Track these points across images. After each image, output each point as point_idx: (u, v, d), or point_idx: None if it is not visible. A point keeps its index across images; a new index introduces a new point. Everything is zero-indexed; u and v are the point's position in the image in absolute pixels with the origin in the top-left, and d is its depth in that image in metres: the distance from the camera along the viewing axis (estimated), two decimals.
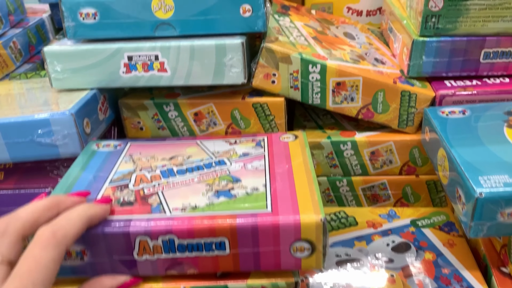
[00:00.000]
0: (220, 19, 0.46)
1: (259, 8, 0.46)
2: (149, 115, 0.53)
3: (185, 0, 0.46)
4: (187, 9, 0.46)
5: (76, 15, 0.47)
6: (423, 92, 0.49)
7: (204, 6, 0.46)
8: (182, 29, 0.47)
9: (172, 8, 0.46)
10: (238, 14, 0.46)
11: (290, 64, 0.48)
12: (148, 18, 0.47)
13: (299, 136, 0.45)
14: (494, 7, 0.45)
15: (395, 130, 0.51)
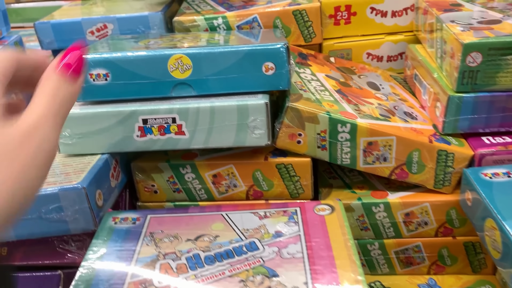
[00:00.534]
0: (241, 78, 0.43)
1: (283, 66, 0.43)
2: (164, 178, 0.49)
3: (204, 59, 0.43)
4: (206, 69, 0.43)
5: (86, 76, 0.44)
6: (461, 151, 0.45)
7: (224, 65, 0.43)
8: (201, 89, 0.44)
9: (190, 67, 0.43)
10: (260, 73, 0.43)
11: (317, 124, 0.45)
12: (164, 78, 0.44)
13: (336, 207, 0.41)
14: None
15: (430, 190, 0.48)
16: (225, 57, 0.42)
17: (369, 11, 0.60)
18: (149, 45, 0.47)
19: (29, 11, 0.93)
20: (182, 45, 0.45)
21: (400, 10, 0.59)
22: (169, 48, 0.44)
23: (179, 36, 0.53)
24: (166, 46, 0.46)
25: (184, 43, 0.47)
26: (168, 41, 0.49)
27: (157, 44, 0.48)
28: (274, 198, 0.49)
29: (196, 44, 0.46)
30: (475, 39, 0.42)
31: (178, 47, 0.45)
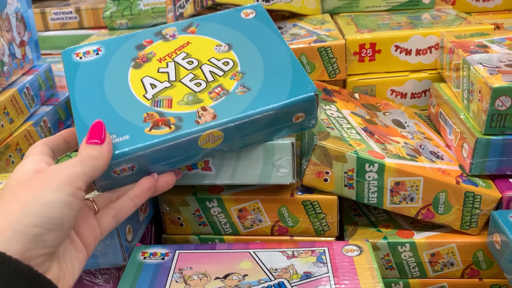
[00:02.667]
0: (273, 131, 0.43)
1: (313, 113, 0.43)
2: (190, 211, 0.49)
3: (234, 128, 0.40)
4: (237, 134, 0.41)
5: (109, 173, 0.38)
6: (488, 193, 0.45)
7: (255, 126, 0.41)
8: (232, 149, 0.43)
9: (221, 137, 0.40)
10: (291, 122, 0.43)
11: (345, 163, 0.45)
12: (195, 151, 0.41)
13: (364, 248, 0.41)
14: None
15: (456, 230, 0.47)
16: (256, 122, 0.40)
17: (394, 49, 0.61)
18: (157, 102, 0.41)
19: (57, 39, 0.96)
20: (208, 101, 0.41)
21: (424, 48, 0.60)
22: (197, 125, 0.39)
23: (167, 47, 0.47)
24: (181, 102, 0.41)
25: (201, 88, 0.42)
26: (170, 79, 0.43)
27: (164, 97, 0.42)
28: (299, 235, 0.49)
29: (214, 93, 0.42)
30: (504, 83, 0.43)
31: (201, 111, 0.40)
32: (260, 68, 0.44)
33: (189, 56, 0.45)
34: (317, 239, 0.48)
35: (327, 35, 0.62)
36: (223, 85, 0.43)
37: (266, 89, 0.42)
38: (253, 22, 0.48)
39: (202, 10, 0.66)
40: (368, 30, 0.63)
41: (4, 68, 0.63)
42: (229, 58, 0.45)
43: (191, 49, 0.45)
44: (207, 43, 0.46)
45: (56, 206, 0.29)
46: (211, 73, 0.44)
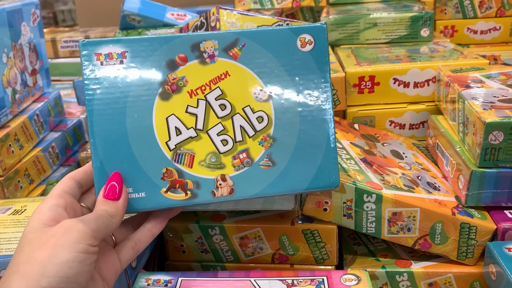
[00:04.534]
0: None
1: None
2: (193, 238, 0.51)
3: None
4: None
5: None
6: (483, 224, 0.46)
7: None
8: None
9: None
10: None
11: (343, 193, 0.47)
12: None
13: (362, 278, 0.42)
14: None
15: (453, 261, 0.48)
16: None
17: (392, 82, 0.63)
18: (178, 156, 0.39)
19: (66, 66, 0.99)
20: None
21: (422, 81, 0.62)
22: (213, 197, 0.38)
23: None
24: (207, 165, 0.38)
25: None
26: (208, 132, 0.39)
27: (186, 153, 0.39)
28: (299, 263, 0.50)
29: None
30: (497, 118, 0.44)
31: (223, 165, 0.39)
32: (293, 137, 0.39)
33: (224, 96, 0.39)
34: (316, 267, 0.49)
35: None
36: (249, 150, 0.39)
37: (291, 168, 0.39)
38: (308, 61, 0.40)
39: None
40: (368, 63, 0.65)
41: (16, 96, 0.65)
42: (265, 112, 0.39)
43: (228, 85, 0.39)
44: (248, 80, 0.39)
45: (70, 266, 0.31)
46: (242, 129, 0.39)
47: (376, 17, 0.76)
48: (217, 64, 0.39)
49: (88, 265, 0.32)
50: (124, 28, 0.88)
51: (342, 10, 0.84)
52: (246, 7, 0.90)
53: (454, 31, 0.89)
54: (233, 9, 0.69)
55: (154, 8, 0.88)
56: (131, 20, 0.87)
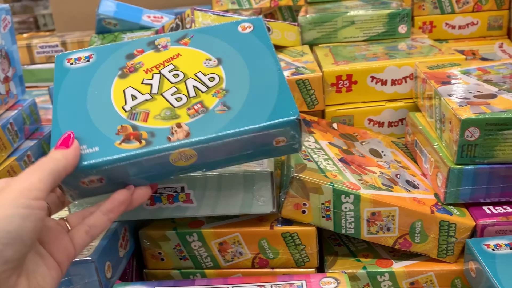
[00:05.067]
0: (251, 153, 0.43)
1: (295, 137, 0.42)
2: (171, 246, 0.50)
3: (208, 148, 0.39)
4: (212, 155, 0.40)
5: (77, 183, 0.38)
6: (462, 221, 0.46)
7: (232, 147, 0.40)
8: (207, 169, 0.41)
9: (194, 156, 0.39)
10: (271, 146, 0.41)
11: (321, 194, 0.46)
12: (167, 168, 0.40)
13: (341, 280, 0.42)
14: None
15: (434, 259, 0.48)
16: (232, 143, 0.39)
17: (370, 80, 0.62)
18: (133, 115, 0.41)
19: (42, 72, 0.97)
20: (184, 117, 0.40)
21: (399, 78, 0.62)
22: (168, 142, 0.38)
23: (155, 58, 0.46)
24: (158, 118, 0.40)
25: (175, 102, 0.42)
26: (152, 92, 0.42)
27: (141, 111, 0.41)
28: (279, 266, 0.49)
29: (189, 108, 0.41)
30: (472, 115, 0.44)
31: (175, 128, 0.39)
32: (245, 87, 0.42)
33: (176, 68, 0.44)
34: (297, 270, 0.49)
35: (305, 67, 0.64)
36: (203, 102, 0.41)
37: (247, 109, 0.40)
38: (249, 37, 0.45)
39: None
40: (345, 61, 0.64)
41: None
42: (216, 74, 0.43)
43: (180, 61, 0.44)
44: (198, 56, 0.44)
45: (11, 221, 0.29)
46: (195, 88, 0.42)
47: (353, 15, 0.75)
48: (170, 50, 0.45)
49: (32, 222, 0.30)
50: (101, 32, 0.87)
51: (320, 8, 0.83)
52: (224, 8, 0.89)
53: (433, 26, 0.89)
54: (208, 10, 0.68)
55: (130, 11, 0.86)
56: (107, 24, 0.86)
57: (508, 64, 0.56)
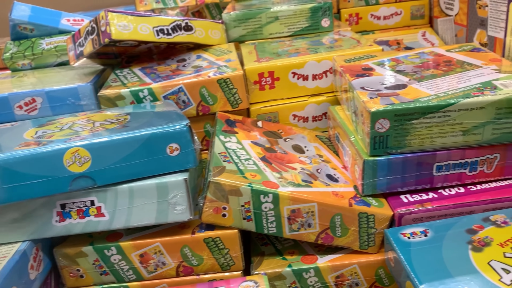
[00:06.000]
0: (146, 162, 0.43)
1: (188, 145, 0.43)
2: (89, 262, 0.47)
3: (103, 149, 0.41)
4: (107, 158, 0.41)
5: None
6: (380, 212, 0.47)
7: (126, 152, 0.42)
8: (103, 180, 0.42)
9: (88, 159, 0.40)
10: (165, 155, 0.43)
11: (240, 196, 0.45)
12: (60, 174, 0.40)
13: (260, 283, 0.41)
14: (439, 124, 0.45)
15: (358, 251, 0.48)
16: (126, 145, 0.41)
17: (291, 76, 0.62)
18: (39, 137, 0.44)
19: None
20: (77, 134, 0.43)
21: (320, 73, 0.62)
22: (63, 140, 0.41)
23: (75, 119, 0.52)
24: (60, 136, 0.43)
25: (80, 129, 0.45)
26: (62, 129, 0.46)
27: (47, 135, 0.45)
28: (205, 272, 0.48)
29: (92, 130, 0.44)
30: (381, 106, 0.45)
31: (74, 137, 0.42)
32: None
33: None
34: (222, 275, 0.48)
35: (227, 66, 0.62)
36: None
37: (143, 126, 0.43)
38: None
39: (100, 47, 0.65)
40: (267, 58, 0.64)
41: None
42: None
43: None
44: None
45: None
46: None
47: (277, 11, 0.75)
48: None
49: None
50: (16, 38, 0.82)
51: (246, 5, 0.82)
52: (148, 7, 0.87)
53: (359, 18, 0.91)
54: (124, 12, 0.65)
55: (47, 15, 0.82)
56: (22, 29, 0.81)
57: (421, 53, 0.58)
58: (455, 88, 0.47)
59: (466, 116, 0.45)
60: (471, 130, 0.45)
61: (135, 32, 0.64)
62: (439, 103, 0.44)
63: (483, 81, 0.48)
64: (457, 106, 0.44)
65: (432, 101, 0.44)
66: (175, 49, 0.73)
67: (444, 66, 0.53)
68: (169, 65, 0.67)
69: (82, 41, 0.68)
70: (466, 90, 0.46)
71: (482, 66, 0.52)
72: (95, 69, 0.73)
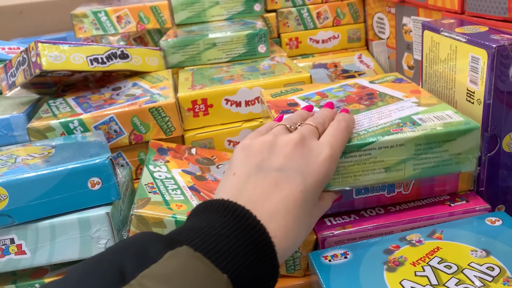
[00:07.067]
0: (67, 197, 0.43)
1: (110, 178, 0.44)
2: None
3: (20, 186, 0.41)
4: (25, 195, 0.41)
5: None
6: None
7: (45, 188, 0.41)
8: (22, 217, 0.42)
9: (6, 197, 0.40)
10: (86, 189, 0.43)
11: (164, 228, 0.46)
12: None
13: None
14: (361, 163, 0.46)
15: (284, 275, 0.49)
16: (45, 181, 0.41)
17: (224, 102, 0.63)
18: None
19: None
20: None
21: (252, 99, 0.64)
22: None
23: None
24: None
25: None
26: None
27: None
28: None
29: (12, 166, 0.44)
30: None
31: None
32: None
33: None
34: None
35: (160, 94, 0.63)
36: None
37: (65, 161, 0.43)
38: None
39: (32, 78, 0.65)
40: (201, 85, 0.65)
41: None
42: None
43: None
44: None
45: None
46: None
47: (214, 38, 0.76)
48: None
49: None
50: None
51: (187, 31, 0.83)
52: (87, 34, 0.87)
53: (299, 42, 0.94)
54: (56, 42, 0.65)
55: None
56: None
57: (345, 86, 0.60)
58: (375, 125, 0.48)
59: (386, 154, 0.45)
60: (393, 167, 0.46)
61: (68, 62, 0.64)
62: (359, 141, 0.45)
63: (403, 116, 0.49)
64: (377, 144, 0.45)
65: (353, 139, 0.45)
66: (111, 76, 0.73)
67: (366, 100, 0.55)
68: (103, 93, 0.67)
69: (14, 71, 0.67)
70: (386, 126, 0.47)
71: (403, 98, 0.54)
72: (30, 98, 0.72)
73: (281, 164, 0.37)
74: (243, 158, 0.38)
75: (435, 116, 0.48)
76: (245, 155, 0.38)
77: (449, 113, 0.49)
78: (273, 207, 0.35)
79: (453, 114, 0.48)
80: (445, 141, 0.46)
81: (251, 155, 0.38)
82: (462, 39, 0.51)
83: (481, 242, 0.45)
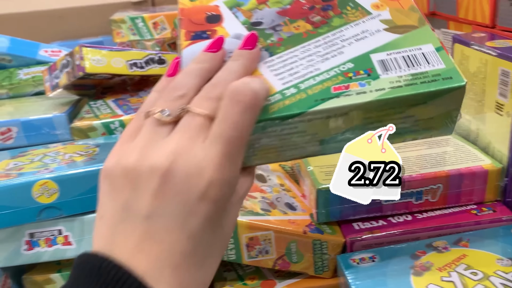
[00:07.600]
0: None
1: None
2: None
3: (70, 181, 0.44)
4: (74, 189, 0.44)
5: None
6: (333, 239, 0.50)
7: (92, 184, 0.44)
8: (70, 210, 0.45)
9: (56, 190, 0.43)
10: None
11: None
12: (29, 205, 0.43)
13: None
14: (286, 138, 0.30)
15: (314, 276, 0.51)
16: (92, 177, 0.43)
17: None
18: (10, 169, 0.46)
19: None
20: (46, 167, 0.46)
21: None
22: (33, 172, 0.43)
23: (46, 151, 0.54)
24: (30, 168, 0.45)
25: (50, 162, 0.48)
26: (32, 161, 0.49)
27: (17, 167, 0.47)
28: None
29: (61, 162, 0.47)
30: None
31: (43, 169, 0.44)
32: None
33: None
34: None
35: None
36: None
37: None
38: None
39: (75, 80, 0.68)
40: None
41: None
42: None
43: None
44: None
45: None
46: None
47: None
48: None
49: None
50: None
51: None
52: (125, 39, 0.90)
53: None
54: (99, 46, 0.69)
55: (26, 46, 0.85)
56: (1, 60, 0.84)
57: None
58: (313, 75, 0.32)
59: (320, 126, 0.31)
60: (332, 140, 0.32)
61: (109, 65, 0.67)
62: (278, 113, 0.30)
63: (358, 55, 0.33)
64: (306, 115, 0.30)
65: (272, 108, 0.30)
66: (148, 80, 0.76)
67: (318, 13, 0.36)
68: (141, 97, 0.70)
69: (58, 73, 0.71)
70: (326, 79, 0.32)
71: (371, 12, 0.36)
72: (70, 99, 0.76)
73: (149, 210, 0.27)
74: (107, 193, 0.29)
75: (405, 56, 0.33)
76: (108, 188, 0.29)
77: (428, 50, 0.33)
78: (155, 264, 0.26)
79: (433, 53, 0.33)
80: (409, 106, 0.31)
81: (114, 190, 0.28)
82: (493, 53, 0.52)
83: (508, 252, 0.46)
